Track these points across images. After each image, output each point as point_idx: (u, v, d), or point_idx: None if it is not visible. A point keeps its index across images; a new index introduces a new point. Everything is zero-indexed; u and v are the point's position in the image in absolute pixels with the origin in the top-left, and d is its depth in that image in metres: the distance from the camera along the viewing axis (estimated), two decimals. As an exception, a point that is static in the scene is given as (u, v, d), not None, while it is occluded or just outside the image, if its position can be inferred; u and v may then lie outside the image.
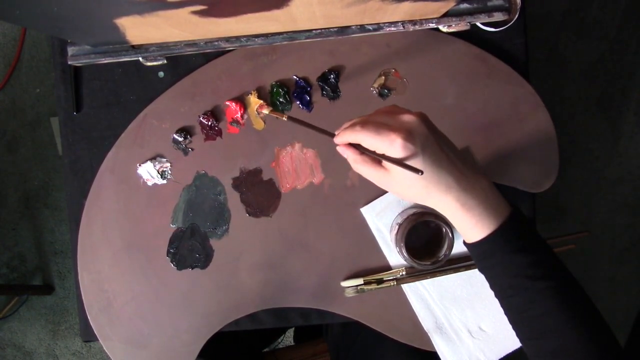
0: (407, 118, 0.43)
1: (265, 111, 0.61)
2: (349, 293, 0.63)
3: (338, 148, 0.47)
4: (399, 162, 0.42)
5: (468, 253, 0.62)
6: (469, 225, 0.45)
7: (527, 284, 0.44)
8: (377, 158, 0.45)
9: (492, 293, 0.62)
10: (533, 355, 0.46)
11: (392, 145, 0.42)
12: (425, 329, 0.63)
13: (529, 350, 0.47)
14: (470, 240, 0.46)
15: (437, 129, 0.45)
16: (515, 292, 0.45)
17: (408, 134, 0.42)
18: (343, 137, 0.46)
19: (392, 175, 0.44)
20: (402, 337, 0.64)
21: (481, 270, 0.48)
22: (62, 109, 0.65)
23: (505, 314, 0.48)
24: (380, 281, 0.63)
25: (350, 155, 0.46)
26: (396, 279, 0.63)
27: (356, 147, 0.45)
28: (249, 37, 0.60)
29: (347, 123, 0.46)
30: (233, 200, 0.64)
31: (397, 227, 0.59)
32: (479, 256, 0.47)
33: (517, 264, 0.44)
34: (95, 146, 0.65)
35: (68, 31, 0.53)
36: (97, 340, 0.64)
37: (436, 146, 0.43)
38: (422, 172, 0.42)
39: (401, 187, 0.45)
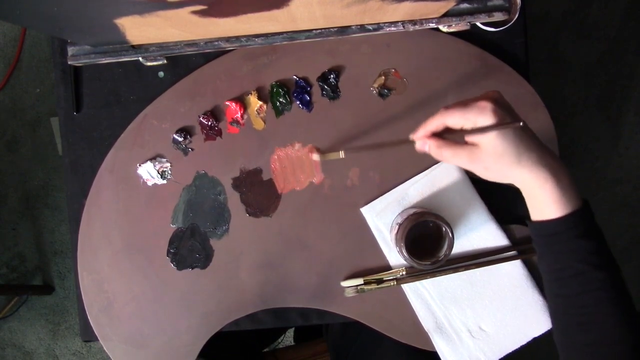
0: (487, 93, 0.45)
1: (316, 157, 0.60)
2: (349, 293, 0.63)
3: (417, 145, 0.48)
4: (494, 126, 0.43)
5: (468, 253, 0.63)
6: (551, 200, 0.45)
7: (588, 269, 0.45)
8: (454, 140, 0.46)
9: (492, 293, 0.62)
10: (575, 342, 0.47)
11: (482, 112, 0.43)
12: (425, 329, 0.63)
13: (571, 336, 0.47)
14: (544, 217, 0.47)
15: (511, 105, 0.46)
16: (574, 275, 0.46)
17: (494, 101, 0.43)
18: (426, 127, 0.47)
19: (480, 149, 0.45)
20: (402, 337, 0.64)
21: (542, 248, 0.48)
22: (62, 109, 0.65)
23: (551, 297, 0.49)
24: (380, 281, 0.63)
25: (432, 143, 0.46)
26: (396, 279, 0.63)
27: (436, 136, 0.46)
28: (249, 37, 0.60)
29: (422, 124, 0.48)
30: (233, 200, 0.64)
31: (397, 227, 0.59)
32: (548, 234, 0.47)
33: (584, 249, 0.45)
34: (95, 146, 0.65)
35: (68, 31, 0.53)
36: (97, 340, 0.64)
37: (517, 115, 0.45)
38: (523, 122, 0.43)
39: (492, 158, 0.45)
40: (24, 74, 1.45)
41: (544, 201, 0.46)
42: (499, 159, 0.45)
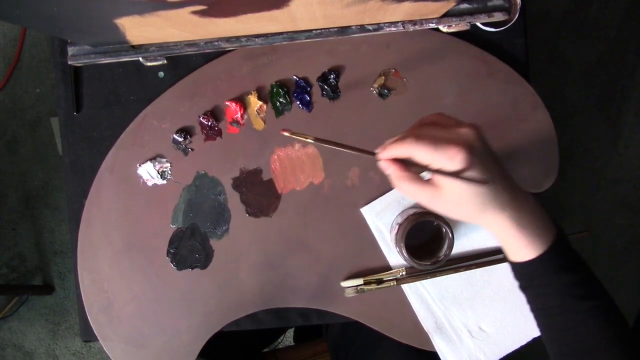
0: (464, 131, 0.41)
1: (287, 134, 0.58)
2: (349, 293, 0.63)
3: (380, 164, 0.44)
4: (462, 177, 0.40)
5: (468, 253, 0.63)
6: (520, 245, 0.44)
7: (574, 303, 0.44)
8: (417, 175, 0.42)
9: (492, 293, 0.62)
10: None
11: (452, 160, 0.39)
12: (425, 329, 0.63)
13: None
14: (518, 259, 0.45)
15: (489, 142, 0.43)
16: (560, 311, 0.45)
17: (468, 148, 0.39)
18: (391, 152, 0.42)
19: (443, 192, 0.42)
20: (402, 337, 0.64)
21: (524, 289, 0.47)
22: (62, 109, 0.65)
23: (542, 331, 0.48)
24: (380, 281, 0.63)
25: (395, 172, 0.43)
26: (396, 279, 0.63)
27: (400, 163, 0.42)
28: (249, 37, 0.60)
29: (393, 138, 0.43)
30: (233, 200, 0.64)
31: (397, 227, 0.59)
32: (526, 276, 0.46)
33: (564, 284, 0.44)
34: (95, 146, 0.65)
35: (68, 31, 0.53)
36: (97, 340, 0.64)
37: (492, 161, 0.42)
38: (489, 183, 0.40)
39: (453, 204, 0.42)
40: (24, 74, 1.45)
41: (514, 245, 0.45)
42: (460, 207, 0.42)
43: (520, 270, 0.46)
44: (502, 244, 0.46)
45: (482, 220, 0.44)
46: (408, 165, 0.42)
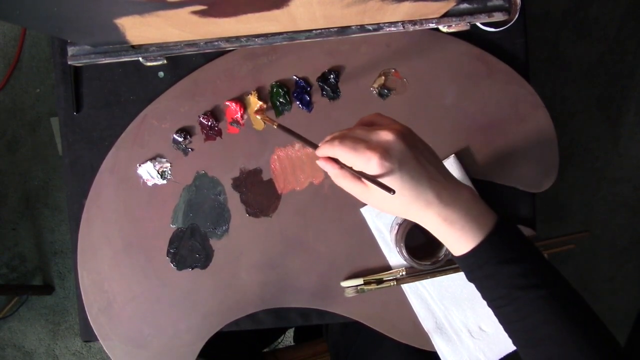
0: (385, 135, 0.42)
1: (258, 117, 0.62)
2: (349, 293, 0.63)
3: (318, 162, 0.46)
4: (374, 180, 0.42)
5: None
6: (453, 239, 0.45)
7: (518, 294, 0.44)
8: (350, 172, 0.44)
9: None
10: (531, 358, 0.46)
11: (368, 163, 0.41)
12: (425, 329, 0.63)
13: (526, 358, 0.46)
14: (457, 253, 0.46)
15: (419, 142, 0.45)
16: (506, 302, 0.44)
17: (384, 152, 0.41)
18: (322, 151, 0.45)
19: (370, 190, 0.44)
20: (402, 337, 0.64)
21: (471, 281, 0.48)
22: (62, 109, 0.65)
23: (500, 323, 0.48)
24: (380, 281, 0.63)
25: (329, 170, 0.45)
26: (396, 279, 0.63)
27: (337, 161, 0.45)
28: (249, 37, 0.60)
29: (328, 137, 0.46)
30: (233, 200, 0.64)
31: (397, 227, 0.59)
32: (467, 268, 0.46)
33: (507, 275, 0.44)
34: (95, 146, 0.65)
35: (68, 31, 0.53)
36: (97, 340, 0.64)
37: (414, 162, 0.42)
38: (394, 192, 0.41)
39: (380, 202, 0.45)
40: (24, 74, 1.45)
41: (448, 240, 0.45)
42: (387, 205, 0.44)
43: (461, 263, 0.47)
44: (440, 240, 0.46)
45: (410, 216, 0.45)
46: (342, 163, 0.45)
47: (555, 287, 0.44)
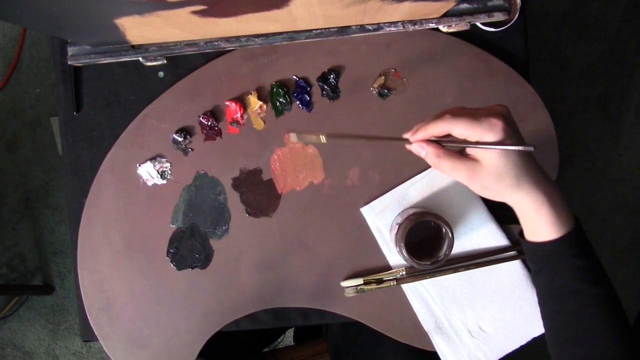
0: (497, 106, 0.43)
1: (294, 138, 0.47)
2: (349, 293, 0.63)
3: (413, 147, 0.45)
4: (502, 144, 0.41)
5: (468, 253, 0.63)
6: (548, 222, 0.45)
7: (584, 287, 0.46)
8: (455, 151, 0.44)
9: (492, 293, 0.62)
10: (571, 356, 0.47)
11: (492, 129, 0.41)
12: (425, 329, 0.63)
13: (568, 350, 0.48)
14: (540, 239, 0.47)
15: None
16: (570, 292, 0.46)
17: (504, 119, 0.42)
18: (428, 131, 0.44)
19: (483, 165, 0.43)
20: (402, 337, 0.64)
21: (538, 266, 0.48)
22: (62, 109, 0.65)
23: (547, 312, 0.50)
24: (380, 281, 0.63)
25: (432, 150, 0.44)
26: (396, 279, 0.63)
27: (435, 143, 0.44)
28: (249, 37, 0.60)
29: (423, 122, 0.45)
30: (233, 200, 0.64)
31: (397, 227, 0.59)
32: (543, 257, 0.47)
33: (580, 268, 0.46)
34: (95, 146, 0.65)
35: (68, 31, 0.53)
36: (97, 340, 0.64)
37: (522, 136, 0.44)
38: (534, 147, 0.42)
39: (492, 178, 0.43)
40: (24, 74, 1.45)
41: (540, 224, 0.46)
42: (499, 180, 0.43)
43: (539, 251, 0.47)
44: (526, 223, 0.47)
45: (516, 195, 0.45)
46: (445, 142, 0.44)
47: (612, 289, 0.47)
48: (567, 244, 0.46)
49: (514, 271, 0.62)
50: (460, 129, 0.42)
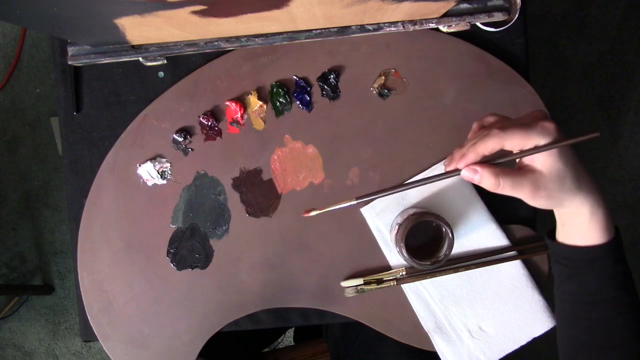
0: (537, 111, 0.42)
1: (315, 213, 0.49)
2: (349, 293, 0.63)
3: (464, 173, 0.42)
4: (569, 139, 0.40)
5: (468, 253, 0.63)
6: (600, 226, 0.45)
7: (621, 295, 0.45)
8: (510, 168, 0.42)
9: (492, 293, 0.62)
10: None
11: (546, 132, 0.40)
12: (425, 329, 0.63)
13: (590, 358, 0.47)
14: (585, 242, 0.45)
15: None
16: (607, 300, 0.46)
17: (553, 122, 0.41)
18: (478, 152, 0.41)
19: (543, 173, 0.41)
20: (402, 337, 0.64)
21: (573, 271, 0.47)
22: (62, 109, 0.65)
23: (574, 319, 0.49)
24: (380, 281, 0.63)
25: (487, 173, 0.41)
26: (396, 279, 0.63)
27: (488, 164, 0.42)
28: (249, 37, 0.60)
29: (465, 146, 0.43)
30: (233, 200, 0.64)
31: (397, 227, 0.59)
32: (586, 259, 0.46)
33: (620, 275, 0.46)
34: (95, 146, 0.65)
35: (68, 31, 0.53)
36: (97, 340, 0.64)
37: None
38: (598, 133, 0.40)
39: (555, 184, 0.42)
40: (24, 74, 1.45)
41: (590, 227, 0.45)
42: (562, 184, 0.42)
43: (577, 255, 0.46)
44: (574, 225, 0.46)
45: (578, 198, 0.43)
46: (494, 159, 0.42)
47: (638, 297, 0.47)
48: (612, 249, 0.45)
49: (514, 271, 0.62)
50: (516, 140, 0.40)
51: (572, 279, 0.47)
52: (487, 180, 0.41)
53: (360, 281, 0.63)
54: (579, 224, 0.45)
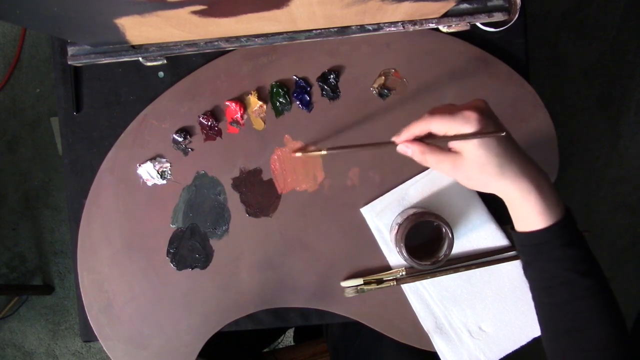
0: (473, 102, 0.45)
1: (298, 154, 0.61)
2: (349, 293, 0.63)
3: (399, 148, 0.47)
4: (478, 134, 0.43)
5: (468, 253, 0.63)
6: (537, 211, 0.46)
7: (577, 278, 0.46)
8: (438, 146, 0.46)
9: (492, 293, 0.62)
10: (566, 349, 0.47)
11: (467, 121, 0.43)
12: (425, 329, 0.63)
13: (561, 343, 0.48)
14: (528, 228, 0.47)
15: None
16: (562, 283, 0.46)
17: (480, 111, 0.44)
18: (410, 131, 0.46)
19: (464, 157, 0.45)
20: (402, 337, 0.64)
21: (528, 257, 0.49)
22: (62, 109, 0.65)
23: (540, 304, 0.50)
24: (380, 281, 0.63)
25: (416, 149, 0.46)
26: (396, 279, 0.63)
27: (419, 142, 0.46)
28: (249, 37, 0.60)
29: (407, 126, 0.47)
30: (233, 200, 0.64)
31: (397, 227, 0.59)
32: (533, 248, 0.47)
33: (570, 258, 0.46)
34: (95, 146, 0.65)
35: (68, 31, 0.53)
36: (97, 340, 0.64)
37: (500, 123, 0.45)
38: (505, 132, 0.43)
39: (475, 167, 0.45)
40: (24, 74, 1.45)
41: (528, 212, 0.46)
42: (482, 169, 0.45)
43: (527, 241, 0.48)
44: (515, 212, 0.48)
45: (501, 183, 0.46)
46: (428, 139, 0.46)
47: (604, 280, 0.47)
48: (556, 233, 0.46)
49: (514, 271, 0.62)
50: (438, 125, 0.44)
51: (530, 265, 0.49)
52: (416, 155, 0.47)
53: (360, 281, 0.63)
54: (517, 208, 0.47)
